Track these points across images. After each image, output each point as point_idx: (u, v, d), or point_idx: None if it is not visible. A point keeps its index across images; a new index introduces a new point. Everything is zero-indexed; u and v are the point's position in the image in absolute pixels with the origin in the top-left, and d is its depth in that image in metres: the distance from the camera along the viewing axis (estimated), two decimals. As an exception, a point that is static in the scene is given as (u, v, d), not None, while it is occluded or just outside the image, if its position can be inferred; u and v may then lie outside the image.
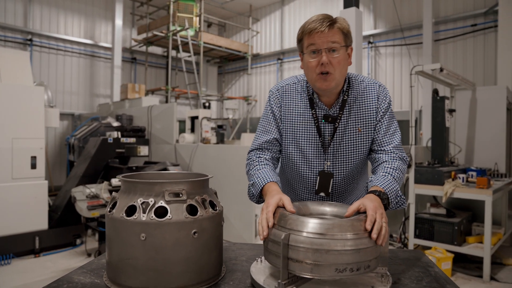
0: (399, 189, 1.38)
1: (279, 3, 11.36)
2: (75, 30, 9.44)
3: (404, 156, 1.52)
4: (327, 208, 1.29)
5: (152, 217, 1.09)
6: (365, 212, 1.14)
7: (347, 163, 1.56)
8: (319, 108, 1.53)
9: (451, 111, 4.51)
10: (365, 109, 1.52)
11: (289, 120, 1.57)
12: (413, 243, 4.23)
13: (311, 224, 1.05)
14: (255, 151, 1.61)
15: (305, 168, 1.59)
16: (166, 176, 1.45)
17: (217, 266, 1.23)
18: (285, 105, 1.58)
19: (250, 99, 11.60)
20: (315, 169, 1.58)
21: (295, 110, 1.56)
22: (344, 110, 1.52)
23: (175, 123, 5.91)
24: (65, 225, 4.65)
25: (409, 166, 4.33)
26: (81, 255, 4.42)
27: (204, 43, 9.72)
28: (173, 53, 10.31)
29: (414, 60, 8.11)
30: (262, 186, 1.42)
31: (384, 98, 1.53)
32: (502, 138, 5.08)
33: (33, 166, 4.41)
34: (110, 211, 1.17)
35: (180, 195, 1.15)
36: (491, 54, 7.09)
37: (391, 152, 1.50)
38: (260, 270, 1.21)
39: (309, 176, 1.59)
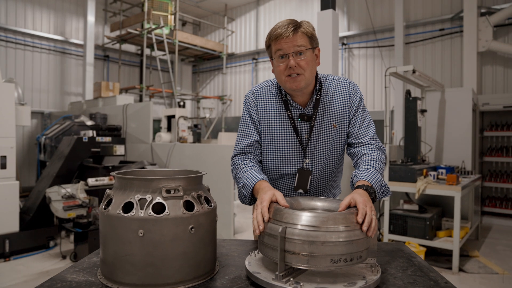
0: (382, 179, 1.45)
1: (255, 3, 11.41)
2: (44, 25, 9.09)
3: (381, 146, 1.60)
4: (318, 203, 1.34)
5: (150, 213, 1.10)
6: (355, 206, 1.20)
7: (325, 159, 1.63)
8: (294, 108, 1.59)
9: (423, 111, 4.72)
10: (338, 105, 1.60)
11: (266, 122, 1.62)
12: (387, 238, 4.39)
13: (307, 218, 1.09)
14: (238, 156, 1.65)
15: (284, 167, 1.65)
16: (159, 173, 1.45)
17: (212, 261, 1.26)
18: (261, 108, 1.63)
19: (225, 99, 11.59)
20: (294, 167, 1.64)
21: (271, 112, 1.62)
22: (318, 109, 1.59)
23: (151, 122, 5.83)
24: (38, 227, 4.49)
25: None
26: (55, 257, 4.29)
27: (179, 41, 9.62)
28: (147, 51, 10.14)
29: (386, 62, 8.38)
30: (253, 185, 1.46)
31: (355, 94, 1.62)
32: (469, 137, 5.36)
33: (3, 166, 4.23)
34: (105, 208, 1.17)
35: (177, 191, 1.16)
36: (457, 58, 7.45)
37: (368, 144, 1.58)
38: (255, 263, 1.24)
39: (288, 174, 1.65)
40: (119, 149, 4.99)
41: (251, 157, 1.64)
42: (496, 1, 7.05)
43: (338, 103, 1.61)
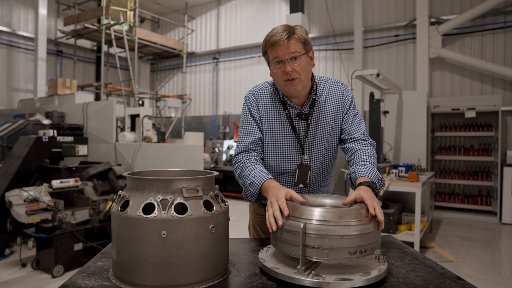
0: (378, 173, 1.56)
1: (215, 2, 11.37)
2: (-12, 15, 8.41)
3: (373, 142, 1.72)
4: (326, 200, 1.40)
5: (173, 213, 1.10)
6: (361, 202, 1.28)
7: (322, 155, 1.72)
8: (292, 108, 1.68)
9: (385, 112, 5.00)
10: (332, 105, 1.71)
11: (266, 121, 1.70)
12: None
13: (325, 213, 1.15)
14: (242, 153, 1.69)
15: (284, 163, 1.73)
16: (165, 174, 1.44)
17: (227, 260, 1.28)
18: (261, 107, 1.70)
19: (185, 98, 11.43)
20: (293, 163, 1.72)
21: (271, 111, 1.70)
22: (315, 108, 1.68)
23: (114, 121, 5.63)
24: (-10, 234, 4.16)
25: (350, 162, 4.70)
26: (13, 266, 4.00)
27: (139, 39, 9.35)
28: (104, 48, 9.71)
29: (345, 65, 8.74)
30: (261, 183, 1.50)
31: (348, 94, 1.74)
32: (423, 137, 5.76)
33: (-48, 168, 3.88)
34: (122, 210, 1.14)
35: (197, 192, 1.17)
36: (410, 62, 7.96)
37: (361, 140, 1.69)
38: (269, 259, 1.28)
39: (288, 170, 1.73)
40: (82, 149, 4.77)
41: (255, 155, 1.68)
42: (443, 12, 7.63)
43: (332, 102, 1.71)
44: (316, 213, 1.16)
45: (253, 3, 10.54)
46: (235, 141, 9.44)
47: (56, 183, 3.77)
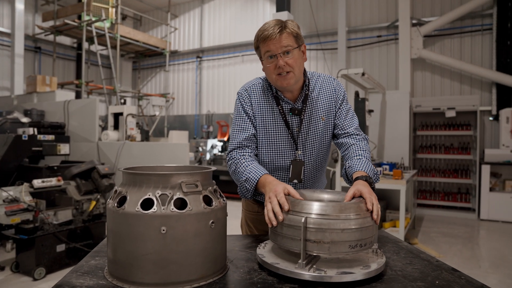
0: (373, 167, 1.57)
1: (199, 1, 11.29)
2: (-38, 10, 8.09)
3: (366, 136, 1.74)
4: (324, 195, 1.40)
5: (172, 209, 1.07)
6: (360, 197, 1.29)
7: (315, 150, 1.72)
8: (285, 103, 1.68)
9: (370, 111, 5.07)
10: (325, 100, 1.71)
11: (260, 117, 1.69)
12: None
13: (326, 208, 1.15)
14: (236, 150, 1.67)
15: (278, 160, 1.72)
16: (157, 170, 1.40)
17: (225, 256, 1.26)
18: (255, 103, 1.69)
19: (167, 97, 11.29)
20: (287, 159, 1.72)
21: (264, 107, 1.69)
22: (307, 103, 1.68)
23: (97, 119, 5.50)
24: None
25: (336, 161, 4.75)
26: (-10, 269, 3.85)
27: (121, 36, 9.17)
28: (85, 45, 9.48)
29: (329, 64, 8.82)
30: (257, 179, 1.49)
31: (340, 89, 1.74)
32: (406, 136, 5.88)
33: None
34: (119, 206, 1.11)
35: (196, 187, 1.15)
36: (393, 63, 8.10)
37: (355, 135, 1.70)
38: (268, 255, 1.27)
39: (282, 166, 1.72)
40: (64, 148, 4.64)
41: (249, 151, 1.67)
42: (424, 14, 7.81)
43: (325, 97, 1.71)
44: (317, 207, 1.15)
45: (237, 2, 10.51)
46: (219, 140, 9.45)
47: (37, 182, 3.65)
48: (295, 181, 1.71)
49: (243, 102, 1.70)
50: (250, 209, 1.91)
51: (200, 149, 9.07)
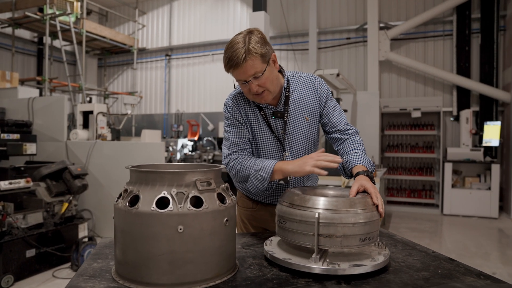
0: (369, 158, 1.62)
1: (168, -3, 11.07)
2: None
3: (357, 129, 1.78)
4: (329, 192, 1.43)
5: (189, 207, 1.06)
6: (364, 192, 1.34)
7: (302, 150, 1.74)
8: (267, 108, 1.69)
9: (344, 111, 5.21)
10: (307, 99, 1.72)
11: (247, 123, 1.70)
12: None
13: (337, 203, 1.18)
14: (234, 153, 1.66)
15: None
16: (163, 168, 1.38)
17: (235, 254, 1.26)
18: (241, 110, 1.69)
19: (135, 95, 10.98)
20: None
21: (248, 114, 1.69)
22: (289, 105, 1.69)
23: (65, 118, 5.26)
24: None
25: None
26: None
27: (87, 32, 8.81)
28: (45, 40, 9.02)
29: (299, 65, 8.96)
30: (273, 165, 1.53)
31: (322, 87, 1.75)
32: (376, 135, 6.09)
33: None
34: (132, 206, 1.08)
35: (210, 184, 1.14)
36: (361, 64, 8.37)
37: (346, 130, 1.73)
38: (277, 251, 1.28)
39: None
40: (30, 148, 4.40)
41: (248, 154, 1.67)
42: (391, 18, 8.13)
43: (307, 97, 1.72)
44: (328, 203, 1.18)
45: (207, 0, 10.42)
46: (189, 140, 9.33)
47: (4, 184, 3.44)
48: (282, 182, 1.73)
49: (232, 112, 1.69)
50: (244, 206, 1.92)
51: (170, 148, 8.90)
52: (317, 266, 1.13)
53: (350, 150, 1.65)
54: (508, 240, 5.30)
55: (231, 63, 1.45)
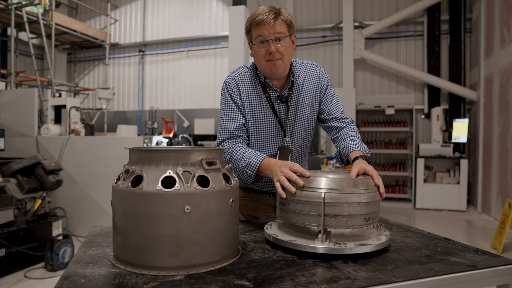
0: (366, 146, 1.65)
1: (142, -8, 10.81)
2: None
3: (352, 119, 1.81)
4: (329, 175, 1.42)
5: (196, 187, 1.03)
6: (364, 174, 1.35)
7: (301, 136, 1.76)
8: (272, 91, 1.70)
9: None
10: (310, 87, 1.75)
11: (248, 105, 1.69)
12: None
13: (341, 182, 1.18)
14: (227, 140, 1.65)
15: (267, 148, 1.74)
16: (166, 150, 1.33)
17: (238, 237, 1.23)
18: (243, 92, 1.69)
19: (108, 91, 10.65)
20: (275, 146, 1.74)
21: (252, 95, 1.69)
22: (293, 90, 1.72)
23: (36, 112, 5.02)
24: None
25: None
26: None
27: (56, 24, 8.46)
28: (9, 32, 8.59)
29: (276, 63, 8.99)
30: (259, 162, 1.48)
31: (323, 76, 1.79)
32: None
33: None
34: (135, 186, 1.03)
35: (215, 164, 1.11)
36: (336, 62, 8.51)
37: (342, 119, 1.76)
38: (280, 233, 1.27)
39: (271, 153, 1.74)
40: (-2, 143, 4.17)
41: (241, 141, 1.66)
42: (365, 18, 8.32)
43: (309, 84, 1.75)
44: (332, 183, 1.18)
45: (182, -4, 10.27)
46: (164, 137, 9.17)
47: (-28, 180, 3.23)
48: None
49: (231, 92, 1.68)
50: (235, 195, 1.89)
51: (145, 145, 8.71)
52: (323, 246, 1.12)
53: (347, 137, 1.67)
54: (476, 231, 5.56)
55: (260, 19, 1.51)
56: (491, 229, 5.49)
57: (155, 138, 8.93)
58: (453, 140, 7.09)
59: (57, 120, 5.45)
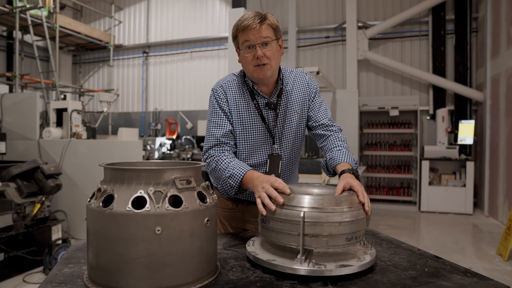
0: (353, 156, 1.61)
1: (146, -6, 10.83)
2: None
3: (340, 127, 1.78)
4: (314, 190, 1.39)
5: (167, 207, 1.00)
6: (349, 190, 1.30)
7: (290, 143, 1.73)
8: (260, 98, 1.68)
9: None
10: (299, 94, 1.74)
11: (236, 113, 1.67)
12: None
13: (322, 201, 1.14)
14: (214, 148, 1.63)
15: (256, 156, 1.71)
16: (140, 166, 1.30)
17: (216, 255, 1.20)
18: (231, 99, 1.67)
19: (112, 93, 10.69)
20: (264, 154, 1.71)
21: (239, 102, 1.67)
22: (282, 97, 1.70)
23: (37, 116, 5.05)
24: None
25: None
26: None
27: (61, 27, 8.51)
28: (16, 34, 8.65)
29: (279, 64, 8.93)
30: (242, 175, 1.44)
31: (312, 83, 1.79)
32: (356, 133, 6.14)
33: None
34: (106, 206, 1.00)
35: (189, 183, 1.08)
36: (340, 63, 8.43)
37: (330, 126, 1.73)
38: (260, 252, 1.23)
39: (260, 163, 1.71)
40: (-1, 147, 4.20)
41: (228, 148, 1.63)
42: (369, 18, 8.22)
43: (298, 91, 1.74)
44: (313, 201, 1.14)
45: (185, -3, 10.26)
46: (168, 139, 9.17)
47: (-30, 185, 3.25)
48: (272, 175, 1.70)
49: (218, 99, 1.67)
50: (223, 206, 1.86)
51: (148, 147, 8.72)
52: (302, 268, 1.08)
53: (333, 147, 1.63)
54: (482, 236, 5.45)
55: (246, 24, 1.50)
56: (498, 233, 5.39)
57: (158, 140, 8.94)
58: (459, 142, 6.98)
59: (59, 123, 5.47)
